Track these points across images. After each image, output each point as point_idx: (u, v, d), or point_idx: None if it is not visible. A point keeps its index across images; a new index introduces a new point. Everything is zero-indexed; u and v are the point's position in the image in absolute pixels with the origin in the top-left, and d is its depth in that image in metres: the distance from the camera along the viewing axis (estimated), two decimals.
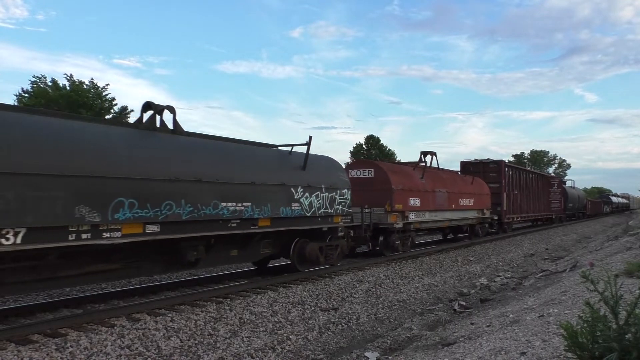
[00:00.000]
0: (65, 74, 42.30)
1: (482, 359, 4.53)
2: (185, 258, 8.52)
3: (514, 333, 5.22)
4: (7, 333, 6.14)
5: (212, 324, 7.36)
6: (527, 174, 30.92)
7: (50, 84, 41.47)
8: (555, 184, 37.82)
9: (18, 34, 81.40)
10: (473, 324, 7.24)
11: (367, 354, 7.15)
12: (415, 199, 15.93)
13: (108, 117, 41.91)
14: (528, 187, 30.03)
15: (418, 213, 16.17)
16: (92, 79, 42.46)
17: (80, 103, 39.93)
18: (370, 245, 15.02)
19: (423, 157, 18.42)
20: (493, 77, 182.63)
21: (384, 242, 14.91)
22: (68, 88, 41.11)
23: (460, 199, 19.46)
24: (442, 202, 17.81)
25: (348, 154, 64.63)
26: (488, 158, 26.84)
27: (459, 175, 22.33)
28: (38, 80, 41.06)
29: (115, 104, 43.89)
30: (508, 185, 25.90)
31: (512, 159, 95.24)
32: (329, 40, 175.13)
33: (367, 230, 13.62)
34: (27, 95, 41.07)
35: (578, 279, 8.02)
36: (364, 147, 64.58)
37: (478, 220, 21.62)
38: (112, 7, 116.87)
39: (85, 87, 42.04)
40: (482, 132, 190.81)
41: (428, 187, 16.92)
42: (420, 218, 16.43)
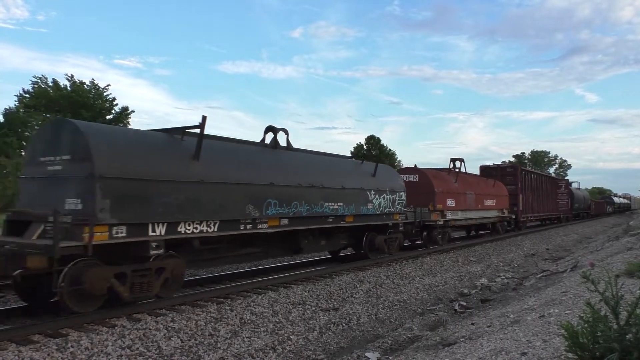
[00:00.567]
0: (66, 75, 42.21)
1: (482, 359, 4.53)
2: (299, 245, 11.18)
3: (515, 333, 5.22)
4: (8, 333, 6.14)
5: (212, 324, 7.37)
6: (538, 177, 32.92)
7: (51, 85, 41.36)
8: (563, 186, 39.78)
9: (18, 34, 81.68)
10: (474, 324, 7.25)
11: (367, 354, 7.15)
12: (452, 200, 18.50)
13: (108, 117, 41.95)
14: (539, 188, 32.02)
15: (453, 212, 18.70)
16: (92, 80, 42.20)
17: (81, 103, 39.82)
18: (408, 240, 17.19)
19: (453, 163, 21.17)
20: (493, 77, 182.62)
21: (428, 236, 17.30)
22: (69, 88, 41.03)
23: (485, 200, 22.10)
24: (471, 202, 20.38)
25: (349, 155, 64.63)
26: (503, 162, 29.43)
27: (483, 179, 24.66)
28: (39, 81, 40.96)
29: (116, 104, 43.80)
30: (523, 188, 28.19)
31: (512, 159, 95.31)
32: (329, 41, 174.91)
33: (417, 226, 16.17)
34: (27, 96, 41.03)
35: (579, 279, 8.01)
36: (365, 147, 64.61)
37: (499, 219, 24.17)
38: (112, 7, 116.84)
39: (86, 87, 41.92)
40: (482, 132, 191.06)
41: (460, 189, 19.55)
42: (455, 216, 18.95)
